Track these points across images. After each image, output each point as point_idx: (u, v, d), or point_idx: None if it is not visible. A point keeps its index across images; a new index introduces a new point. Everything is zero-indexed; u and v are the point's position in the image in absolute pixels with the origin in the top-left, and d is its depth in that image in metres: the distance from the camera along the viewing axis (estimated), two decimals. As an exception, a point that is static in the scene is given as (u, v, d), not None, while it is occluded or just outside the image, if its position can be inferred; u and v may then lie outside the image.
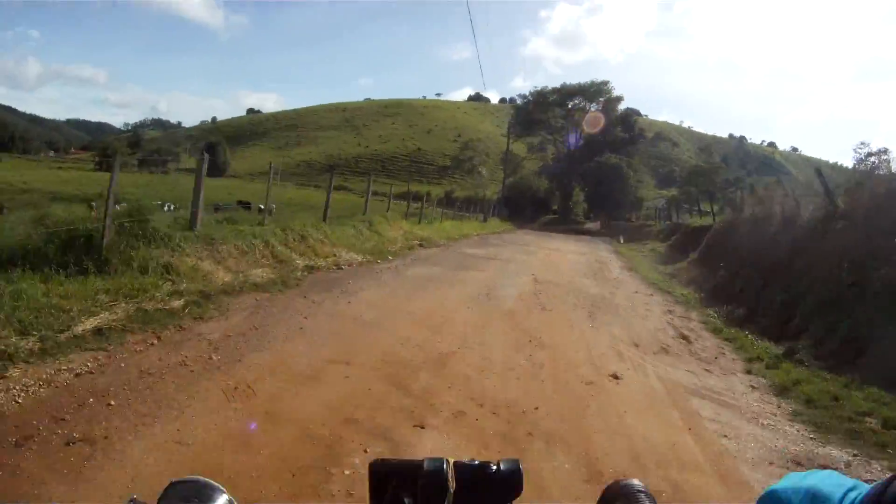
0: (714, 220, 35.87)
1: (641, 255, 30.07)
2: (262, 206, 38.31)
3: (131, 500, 0.84)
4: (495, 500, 0.94)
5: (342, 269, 13.06)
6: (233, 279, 9.78)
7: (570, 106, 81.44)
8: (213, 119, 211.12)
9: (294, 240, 13.51)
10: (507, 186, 77.86)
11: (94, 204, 10.20)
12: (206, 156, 11.55)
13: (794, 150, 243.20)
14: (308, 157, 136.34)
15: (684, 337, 10.52)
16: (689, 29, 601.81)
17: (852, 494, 0.77)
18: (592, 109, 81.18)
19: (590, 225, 72.32)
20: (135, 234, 9.46)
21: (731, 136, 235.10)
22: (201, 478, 0.90)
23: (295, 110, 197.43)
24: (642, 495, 0.95)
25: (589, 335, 9.64)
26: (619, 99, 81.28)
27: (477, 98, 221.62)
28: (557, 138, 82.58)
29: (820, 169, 15.37)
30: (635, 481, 0.98)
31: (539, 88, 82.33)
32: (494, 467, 0.94)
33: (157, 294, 8.10)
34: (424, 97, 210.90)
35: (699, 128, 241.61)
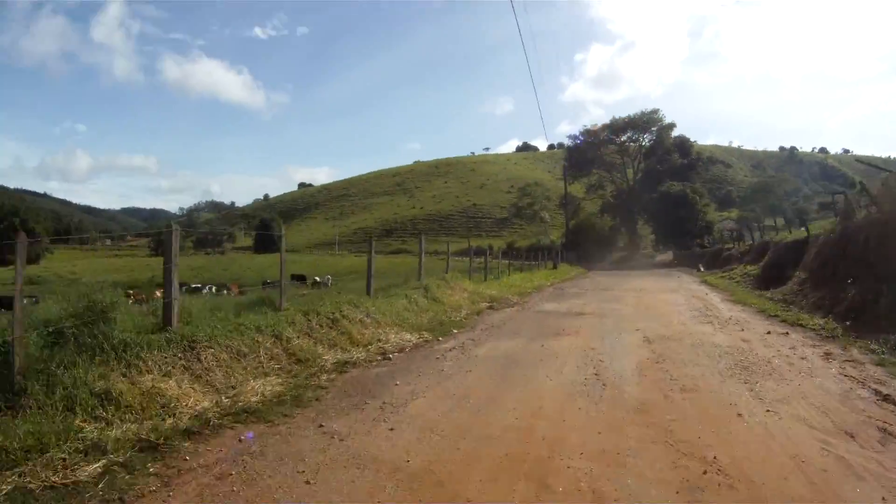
0: (790, 232, 31.82)
1: (734, 283, 26.26)
2: (318, 279, 35.66)
3: None
4: None
5: (389, 358, 9.49)
6: (213, 404, 6.40)
7: (622, 139, 77.67)
8: (266, 196, 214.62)
9: (322, 325, 10.14)
10: (569, 230, 73.95)
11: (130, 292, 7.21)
12: (177, 228, 8.06)
13: (846, 151, 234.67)
14: (363, 224, 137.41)
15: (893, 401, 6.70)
16: (722, 52, 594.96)
17: None
18: (646, 139, 77.37)
19: (661, 257, 67.85)
20: (82, 345, 6.52)
21: (781, 148, 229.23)
22: None
23: (346, 180, 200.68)
24: None
25: (774, 428, 5.80)
26: (671, 126, 77.60)
27: (525, 148, 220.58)
28: (614, 175, 78.78)
29: None
30: None
31: (588, 127, 79.08)
32: None
33: (60, 454, 4.83)
34: (473, 153, 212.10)
35: (748, 146, 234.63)
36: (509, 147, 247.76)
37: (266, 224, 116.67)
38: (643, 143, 78.42)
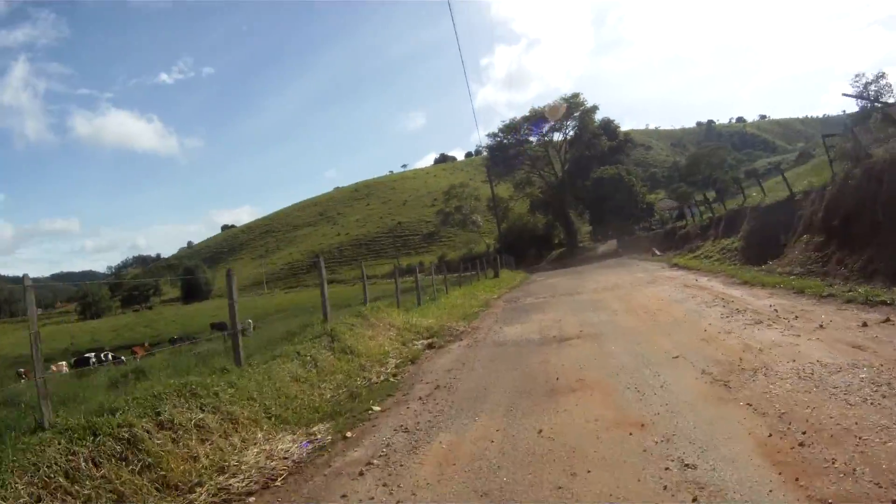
0: (723, 205, 28.30)
1: (716, 262, 22.63)
2: (239, 325, 31.42)
3: None
4: None
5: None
6: None
7: (544, 130, 73.96)
8: (189, 243, 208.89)
9: (104, 459, 4.93)
10: (502, 233, 69.76)
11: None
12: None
13: (763, 117, 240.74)
14: (290, 258, 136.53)
15: None
16: (628, 37, 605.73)
17: None
18: (570, 127, 73.86)
19: (603, 248, 64.16)
20: None
21: (698, 123, 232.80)
22: None
23: (268, 217, 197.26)
24: None
25: None
26: (594, 109, 73.91)
27: (443, 159, 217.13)
28: (542, 169, 74.87)
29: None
30: None
31: (507, 122, 75.06)
32: None
33: None
34: (391, 172, 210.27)
35: (666, 126, 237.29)
36: (427, 161, 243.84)
37: (190, 271, 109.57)
38: (567, 132, 74.76)
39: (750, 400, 5.52)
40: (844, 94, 65.46)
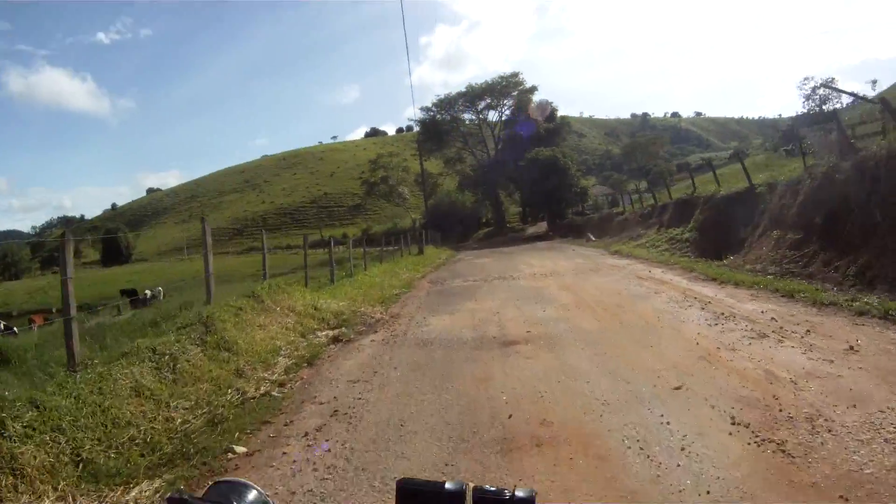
0: (695, 189, 26.71)
1: (664, 252, 20.73)
2: (149, 292, 31.14)
3: (178, 492, 0.96)
4: None
5: None
6: None
7: (480, 107, 71.61)
8: (113, 205, 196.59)
9: None
10: (428, 209, 67.23)
11: None
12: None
13: (699, 114, 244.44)
14: (213, 224, 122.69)
15: None
16: (569, 26, 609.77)
17: None
18: (506, 106, 71.64)
19: (532, 230, 62.64)
20: None
21: (633, 115, 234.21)
22: (241, 479, 1.02)
23: (194, 181, 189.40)
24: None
25: None
26: (533, 89, 71.70)
27: (374, 133, 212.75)
28: (474, 146, 72.58)
29: None
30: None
31: (442, 97, 72.39)
32: (509, 494, 0.99)
33: None
34: (321, 143, 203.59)
35: (601, 115, 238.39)
36: (358, 134, 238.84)
37: (111, 234, 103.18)
38: (503, 111, 72.43)
39: (845, 490, 3.33)
40: (825, 86, 64.05)
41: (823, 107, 67.31)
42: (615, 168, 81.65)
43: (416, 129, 71.25)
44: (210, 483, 0.96)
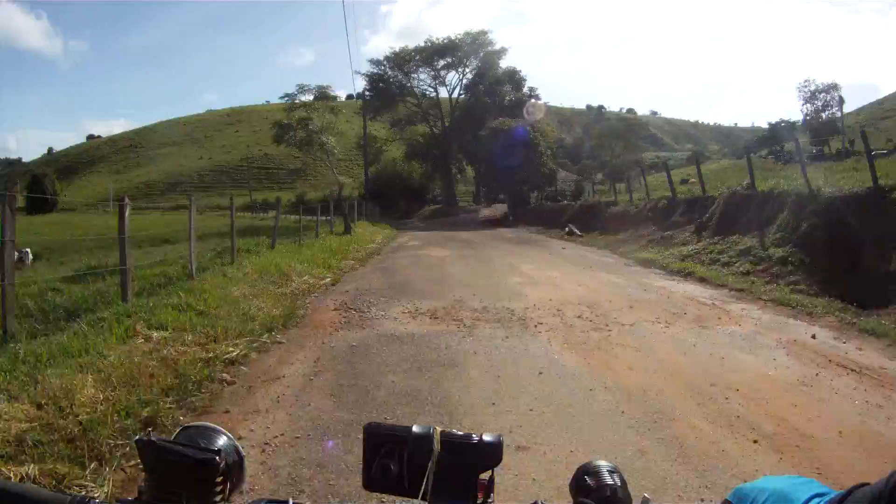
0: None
1: (759, 280, 12.15)
2: (17, 252, 23.23)
3: (147, 433, 0.94)
4: (476, 466, 1.00)
5: None
6: None
7: (439, 66, 62.09)
8: (50, 150, 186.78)
9: None
10: (369, 178, 58.07)
11: None
12: None
13: (654, 113, 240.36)
14: (148, 177, 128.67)
15: None
16: (532, 13, 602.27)
17: (816, 500, 0.79)
18: (470, 67, 62.21)
19: (486, 212, 53.85)
20: None
21: (588, 107, 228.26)
22: (209, 423, 1.03)
23: (134, 131, 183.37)
24: (613, 473, 1.03)
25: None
26: (502, 52, 62.61)
27: (324, 97, 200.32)
28: (428, 110, 63.05)
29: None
30: (604, 461, 1.06)
31: (397, 50, 62.50)
32: (476, 438, 1.00)
33: None
34: (269, 102, 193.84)
35: (555, 103, 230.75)
36: (308, 96, 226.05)
37: (37, 180, 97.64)
38: (465, 73, 63.15)
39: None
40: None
41: (824, 113, 64.45)
42: (569, 157, 73.61)
43: (363, 81, 60.79)
44: (179, 428, 0.97)
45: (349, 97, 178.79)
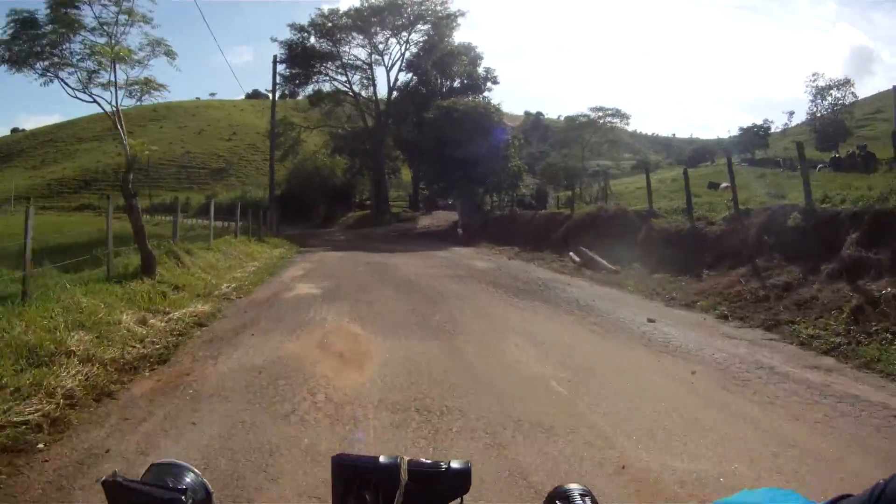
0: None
1: None
2: None
3: (114, 475, 0.91)
4: (445, 495, 0.99)
5: None
6: None
7: (376, 36, 48.97)
8: None
9: None
10: (288, 176, 45.94)
11: None
12: None
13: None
14: (62, 173, 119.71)
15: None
16: (474, 19, 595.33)
17: None
18: (415, 39, 49.27)
19: (427, 221, 41.75)
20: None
21: (526, 112, 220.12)
22: (177, 461, 1.01)
23: (55, 124, 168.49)
24: (585, 497, 1.01)
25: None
26: (456, 17, 49.06)
27: (256, 95, 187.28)
28: (359, 91, 50.06)
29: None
30: (575, 485, 1.03)
31: (325, 13, 48.56)
32: (445, 466, 1.00)
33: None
34: (198, 98, 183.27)
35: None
36: (240, 94, 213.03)
37: None
38: (407, 45, 50.42)
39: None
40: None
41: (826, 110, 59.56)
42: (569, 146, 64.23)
43: (279, 50, 46.61)
44: (149, 465, 0.98)
45: (282, 96, 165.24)
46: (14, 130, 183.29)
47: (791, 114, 64.62)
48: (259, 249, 20.03)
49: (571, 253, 18.74)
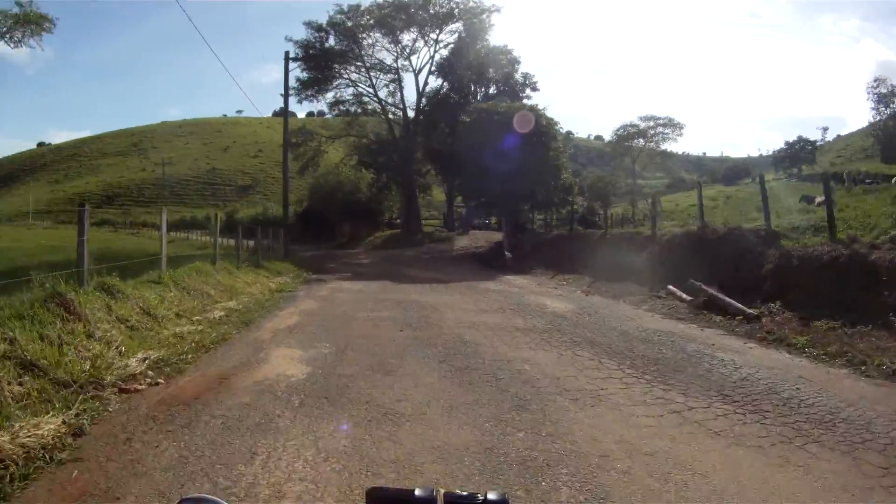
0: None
1: None
2: None
3: None
4: None
5: None
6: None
7: (402, 38, 43.76)
8: None
9: None
10: (308, 192, 41.43)
11: None
12: None
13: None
14: (85, 188, 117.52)
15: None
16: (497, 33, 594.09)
17: None
18: (445, 41, 44.15)
19: (463, 241, 36.73)
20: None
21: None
22: (208, 496, 0.99)
23: (80, 139, 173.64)
24: None
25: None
26: (490, 11, 43.06)
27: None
28: (385, 98, 44.80)
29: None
30: None
31: (345, 9, 42.68)
32: (481, 498, 0.97)
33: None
34: (225, 115, 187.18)
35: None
36: (267, 112, 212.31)
37: None
38: (438, 47, 44.25)
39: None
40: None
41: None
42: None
43: (294, 51, 41.53)
44: (179, 500, 0.94)
45: (309, 114, 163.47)
46: (40, 144, 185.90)
47: (825, 129, 63.52)
48: (249, 280, 14.97)
49: (671, 287, 13.59)
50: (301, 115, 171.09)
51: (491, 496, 0.93)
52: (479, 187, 31.31)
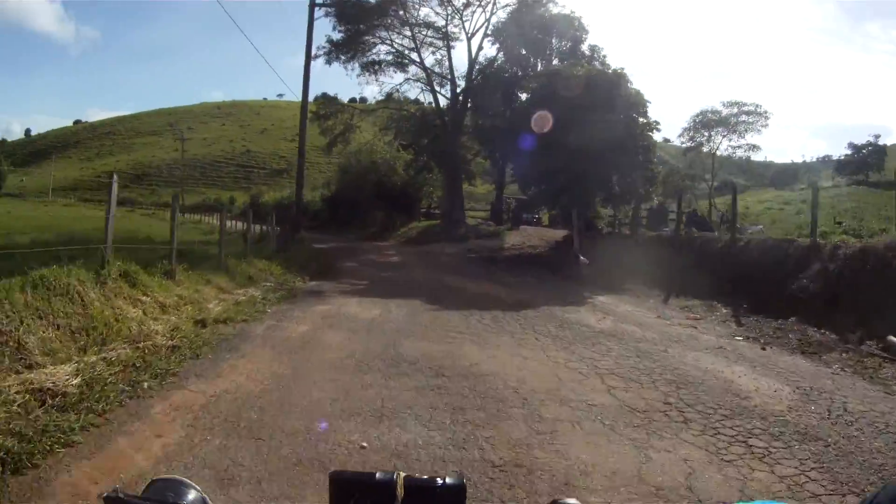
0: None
1: None
2: None
3: (114, 490, 0.90)
4: None
5: None
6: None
7: (458, 4, 36.42)
8: (27, 132, 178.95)
9: None
10: (338, 175, 37.48)
11: None
12: None
13: (667, 140, 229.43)
14: (116, 166, 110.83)
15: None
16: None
17: None
18: (500, 5, 36.85)
19: (515, 238, 29.88)
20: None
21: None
22: (178, 476, 1.01)
23: (116, 117, 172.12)
24: None
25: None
26: None
27: (324, 98, 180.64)
28: (431, 66, 37.96)
29: None
30: (573, 499, 1.03)
31: None
32: (440, 482, 0.99)
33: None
34: (265, 99, 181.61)
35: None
36: (309, 98, 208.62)
37: None
38: (495, 9, 36.69)
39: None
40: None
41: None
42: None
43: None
44: (149, 481, 0.95)
45: (351, 100, 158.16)
46: (76, 122, 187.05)
47: (877, 137, 62.89)
48: (170, 300, 8.43)
49: (892, 338, 7.95)
50: (345, 99, 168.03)
51: (449, 480, 0.95)
52: (546, 170, 24.28)
